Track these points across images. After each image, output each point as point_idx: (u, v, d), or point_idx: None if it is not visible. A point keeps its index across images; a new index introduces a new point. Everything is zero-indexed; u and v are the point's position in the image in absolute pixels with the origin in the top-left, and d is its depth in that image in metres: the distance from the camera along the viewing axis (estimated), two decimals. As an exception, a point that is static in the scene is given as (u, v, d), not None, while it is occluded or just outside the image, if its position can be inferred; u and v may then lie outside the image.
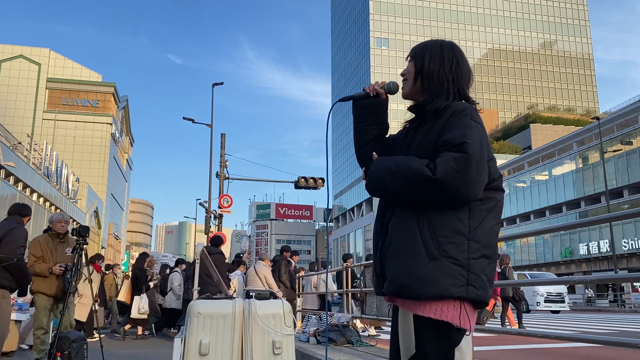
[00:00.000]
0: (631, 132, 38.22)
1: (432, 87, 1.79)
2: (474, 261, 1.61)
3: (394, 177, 1.65)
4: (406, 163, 1.65)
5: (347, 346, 5.74)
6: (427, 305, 1.60)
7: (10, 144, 34.43)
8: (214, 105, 21.88)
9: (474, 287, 1.60)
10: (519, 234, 6.09)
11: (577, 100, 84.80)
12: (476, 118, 1.69)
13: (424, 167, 1.59)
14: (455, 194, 1.57)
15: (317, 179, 19.51)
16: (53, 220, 5.43)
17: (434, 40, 1.88)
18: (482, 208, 1.66)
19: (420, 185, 1.59)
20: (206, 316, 3.43)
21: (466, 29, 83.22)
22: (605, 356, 6.51)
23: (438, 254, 1.59)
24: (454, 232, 1.61)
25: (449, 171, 1.54)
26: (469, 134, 1.61)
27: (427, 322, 1.60)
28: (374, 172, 1.74)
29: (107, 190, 66.20)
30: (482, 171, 1.60)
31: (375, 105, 1.93)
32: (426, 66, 1.80)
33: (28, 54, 64.94)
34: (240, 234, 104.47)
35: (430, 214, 1.63)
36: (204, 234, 20.04)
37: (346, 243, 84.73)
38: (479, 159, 1.59)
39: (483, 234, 1.65)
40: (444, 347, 1.60)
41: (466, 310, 1.61)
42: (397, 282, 1.64)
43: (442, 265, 1.58)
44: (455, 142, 1.59)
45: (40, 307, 5.28)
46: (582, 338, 3.58)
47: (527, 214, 49.97)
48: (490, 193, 1.68)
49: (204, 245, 4.70)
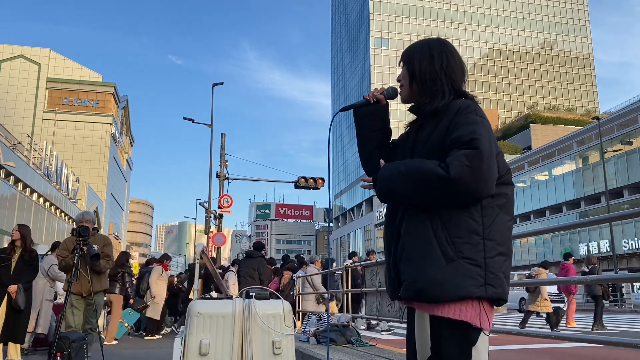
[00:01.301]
0: (631, 132, 38.21)
1: (427, 88, 1.78)
2: (490, 260, 1.60)
3: (405, 181, 1.63)
4: (416, 165, 1.64)
5: (347, 346, 5.74)
6: (445, 306, 1.59)
7: (10, 144, 34.42)
8: (214, 106, 21.91)
9: (492, 286, 1.59)
10: (519, 234, 6.08)
11: (577, 100, 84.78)
12: (481, 114, 1.68)
13: (436, 167, 1.58)
14: (470, 192, 1.56)
15: (317, 179, 19.50)
16: (76, 219, 5.72)
17: (422, 41, 1.87)
18: (494, 205, 1.65)
19: (434, 186, 1.58)
20: (206, 316, 3.43)
21: (466, 29, 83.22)
22: (605, 356, 6.51)
23: (454, 255, 1.58)
24: (468, 232, 1.60)
25: (462, 169, 1.54)
26: (478, 130, 1.60)
27: (445, 323, 1.59)
28: (384, 178, 1.71)
29: (107, 190, 66.21)
30: (493, 166, 1.60)
31: (376, 112, 1.92)
32: (417, 69, 1.80)
33: (28, 54, 64.94)
34: (240, 234, 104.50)
35: (443, 214, 1.62)
36: (204, 234, 20.05)
37: (346, 243, 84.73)
38: (490, 153, 1.58)
39: (497, 231, 1.64)
40: (462, 347, 1.59)
41: (485, 310, 1.61)
42: (414, 286, 1.62)
43: (459, 266, 1.57)
44: (464, 140, 1.58)
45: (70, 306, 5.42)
46: (582, 338, 3.58)
47: (527, 214, 49.95)
48: (500, 188, 1.67)
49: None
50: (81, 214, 5.72)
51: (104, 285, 5.83)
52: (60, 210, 43.35)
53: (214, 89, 22.01)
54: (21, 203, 32.99)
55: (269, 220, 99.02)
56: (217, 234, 19.57)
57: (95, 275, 5.59)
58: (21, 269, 5.96)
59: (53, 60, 66.01)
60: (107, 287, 6.01)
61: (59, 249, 5.79)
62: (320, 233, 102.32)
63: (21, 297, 5.81)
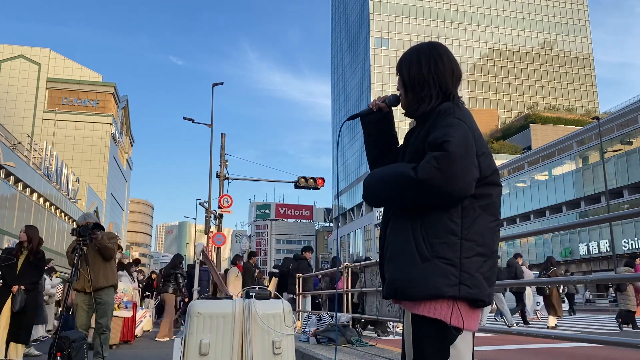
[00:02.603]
0: (631, 132, 38.22)
1: (417, 94, 1.81)
2: (466, 260, 1.62)
3: (384, 185, 1.70)
4: (392, 170, 1.70)
5: (347, 346, 5.74)
6: (421, 305, 1.63)
7: (10, 144, 34.42)
8: (214, 106, 21.91)
9: (467, 286, 1.61)
10: (519, 234, 6.10)
11: (577, 100, 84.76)
12: (459, 115, 1.69)
13: (408, 170, 1.63)
14: (441, 193, 1.59)
15: (317, 179, 19.49)
16: (78, 222, 5.54)
17: (413, 47, 1.90)
18: (475, 205, 1.66)
19: (406, 187, 1.63)
20: (206, 316, 3.44)
21: (466, 29, 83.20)
22: (605, 356, 6.51)
23: (430, 254, 1.62)
24: (445, 233, 1.63)
25: (429, 170, 1.57)
26: (450, 132, 1.62)
27: (422, 320, 1.64)
28: (367, 183, 1.79)
29: (107, 190, 66.21)
30: (469, 167, 1.60)
31: (379, 120, 1.97)
32: (406, 76, 1.83)
33: (28, 54, 64.94)
34: (240, 234, 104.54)
35: (423, 215, 1.66)
36: (204, 234, 20.05)
37: (346, 243, 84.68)
38: (463, 155, 1.59)
39: (477, 232, 1.65)
40: (438, 345, 1.62)
41: (459, 309, 1.62)
42: (393, 285, 1.68)
43: (433, 266, 1.61)
44: (437, 142, 1.62)
45: (76, 305, 5.34)
46: (582, 338, 3.58)
47: (527, 214, 49.96)
48: (484, 189, 1.68)
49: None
50: (83, 217, 5.54)
51: (111, 280, 5.47)
52: (60, 210, 43.34)
53: (214, 89, 22.02)
54: (21, 203, 33.00)
55: (269, 220, 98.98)
56: (217, 234, 19.58)
57: (102, 267, 5.35)
58: (25, 270, 5.96)
59: (53, 60, 66.02)
60: (116, 282, 5.61)
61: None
62: (320, 233, 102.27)
63: (20, 298, 5.81)
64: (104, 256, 5.39)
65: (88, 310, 5.35)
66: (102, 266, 5.42)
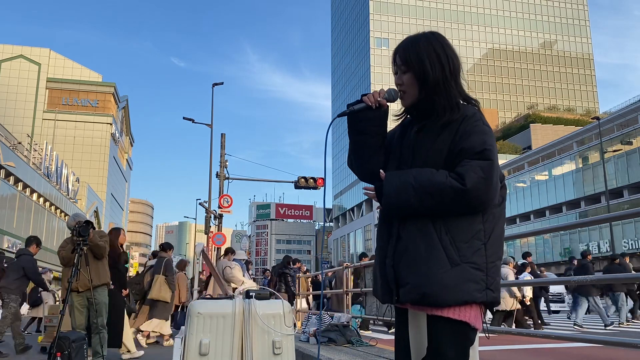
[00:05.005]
0: (631, 132, 38.21)
1: (442, 100, 1.69)
2: (491, 264, 1.63)
3: (417, 194, 1.60)
4: (427, 177, 1.61)
5: (347, 346, 5.74)
6: (446, 307, 1.59)
7: (10, 144, 34.42)
8: (214, 106, 21.91)
9: (492, 291, 1.62)
10: (519, 234, 6.08)
11: (577, 100, 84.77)
12: (486, 122, 1.69)
13: (448, 178, 1.58)
14: (482, 202, 1.59)
15: (317, 179, 19.49)
16: (68, 225, 5.40)
17: (421, 40, 1.74)
18: (494, 212, 1.67)
19: (448, 197, 1.57)
20: (206, 316, 3.43)
21: (466, 29, 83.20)
22: (605, 356, 6.51)
23: (459, 259, 1.59)
24: (471, 237, 1.61)
25: (478, 180, 1.55)
26: (488, 141, 1.61)
27: (445, 322, 1.60)
28: (392, 191, 1.65)
29: (107, 190, 66.23)
30: (498, 176, 1.63)
31: (378, 117, 1.80)
32: (430, 77, 1.69)
33: (28, 54, 64.96)
34: (240, 234, 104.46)
35: (447, 218, 1.62)
36: (204, 234, 20.05)
37: (346, 243, 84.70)
38: (497, 164, 1.62)
39: (495, 237, 1.66)
40: (462, 346, 1.61)
41: (480, 312, 1.65)
42: (418, 290, 1.60)
43: (464, 271, 1.58)
44: (476, 150, 1.59)
45: (70, 306, 5.30)
46: (582, 338, 3.58)
47: (527, 214, 49.94)
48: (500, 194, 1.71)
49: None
50: (72, 218, 5.36)
51: (104, 278, 5.45)
52: (60, 210, 43.36)
53: (214, 89, 22.02)
54: (21, 203, 33.00)
55: (269, 220, 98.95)
56: (217, 234, 19.58)
57: (94, 266, 5.32)
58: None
59: (53, 60, 66.04)
60: (108, 281, 5.59)
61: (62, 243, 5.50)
62: (320, 233, 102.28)
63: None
64: (95, 255, 5.37)
65: (83, 310, 5.35)
66: (94, 265, 5.38)
